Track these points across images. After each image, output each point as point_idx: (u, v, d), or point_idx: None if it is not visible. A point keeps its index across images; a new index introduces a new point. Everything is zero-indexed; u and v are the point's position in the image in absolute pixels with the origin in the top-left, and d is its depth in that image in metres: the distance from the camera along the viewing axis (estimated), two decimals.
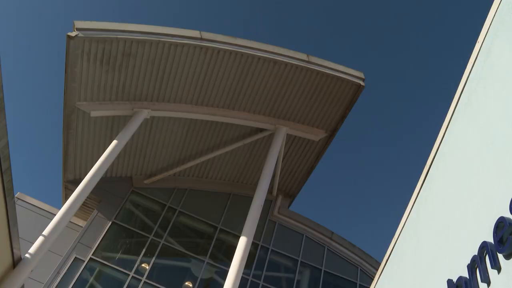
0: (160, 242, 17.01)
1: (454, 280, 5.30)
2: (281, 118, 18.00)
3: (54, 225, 12.55)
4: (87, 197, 14.98)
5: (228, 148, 18.62)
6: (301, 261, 18.81)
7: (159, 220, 17.79)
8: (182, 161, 19.10)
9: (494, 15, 6.08)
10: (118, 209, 17.44)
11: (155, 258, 16.51)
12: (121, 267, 15.91)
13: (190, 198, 19.15)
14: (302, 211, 30.44)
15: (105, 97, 16.12)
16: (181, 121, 17.57)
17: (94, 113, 15.89)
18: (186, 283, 16.30)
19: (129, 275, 15.61)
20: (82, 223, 18.47)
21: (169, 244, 17.17)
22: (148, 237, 16.97)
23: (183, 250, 17.27)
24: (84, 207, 18.15)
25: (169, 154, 18.75)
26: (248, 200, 16.12)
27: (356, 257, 19.91)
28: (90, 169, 14.50)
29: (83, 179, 14.13)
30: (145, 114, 16.37)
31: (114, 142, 15.31)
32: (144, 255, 16.44)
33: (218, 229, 18.42)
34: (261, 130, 18.20)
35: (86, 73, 15.17)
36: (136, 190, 18.53)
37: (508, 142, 5.00)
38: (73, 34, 14.01)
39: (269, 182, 16.28)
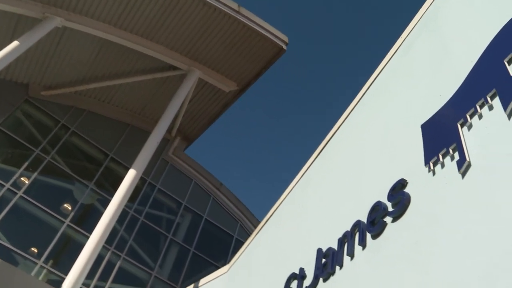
0: (45, 159, 16.28)
1: (324, 249, 5.71)
2: (197, 61, 17.71)
3: None
4: None
5: (137, 78, 18.05)
6: (185, 205, 19.03)
7: (49, 136, 16.97)
8: (86, 80, 18.21)
9: (422, 15, 6.38)
10: (6, 116, 16.31)
11: (37, 174, 15.81)
12: None
13: (87, 120, 18.42)
14: (197, 157, 30.64)
15: None
16: (94, 39, 16.63)
17: None
18: (65, 205, 15.86)
19: (4, 186, 14.83)
20: None
21: (55, 163, 16.50)
22: (34, 151, 16.16)
23: (69, 171, 16.70)
24: None
25: (74, 70, 17.77)
26: (146, 135, 15.84)
27: (239, 212, 20.54)
28: None
29: None
30: (57, 22, 15.26)
31: (15, 43, 14.16)
32: (26, 169, 15.66)
33: (109, 157, 18.01)
34: (174, 68, 17.82)
35: None
36: (31, 99, 17.42)
37: (401, 137, 5.36)
38: None
39: (170, 122, 16.08)
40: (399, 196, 4.65)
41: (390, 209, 4.76)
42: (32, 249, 14.44)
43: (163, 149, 19.37)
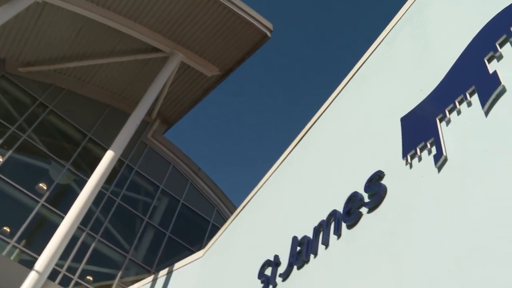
0: (21, 137, 16.01)
1: (299, 237, 5.76)
2: (180, 44, 17.53)
3: None
4: None
5: (118, 59, 17.81)
6: (162, 189, 18.97)
7: (26, 114, 16.67)
8: (67, 58, 17.89)
9: (407, 10, 6.42)
10: None
11: (12, 152, 15.55)
12: None
13: (66, 99, 18.12)
14: (176, 141, 30.51)
15: None
16: (76, 16, 16.30)
17: None
18: (40, 184, 15.66)
19: None
20: None
21: (31, 141, 16.24)
22: (10, 128, 15.87)
23: (45, 150, 16.46)
24: None
25: (55, 47, 17.43)
26: (126, 116, 15.68)
27: (216, 198, 20.55)
28: None
29: None
30: None
31: None
32: (1, 146, 15.38)
33: (88, 137, 17.80)
34: (157, 50, 17.62)
35: None
36: (7, 75, 17.05)
37: (380, 129, 5.42)
38: None
39: (150, 104, 15.93)
40: (376, 187, 4.71)
41: (366, 200, 4.82)
42: (5, 228, 14.25)
43: (142, 131, 19.23)
